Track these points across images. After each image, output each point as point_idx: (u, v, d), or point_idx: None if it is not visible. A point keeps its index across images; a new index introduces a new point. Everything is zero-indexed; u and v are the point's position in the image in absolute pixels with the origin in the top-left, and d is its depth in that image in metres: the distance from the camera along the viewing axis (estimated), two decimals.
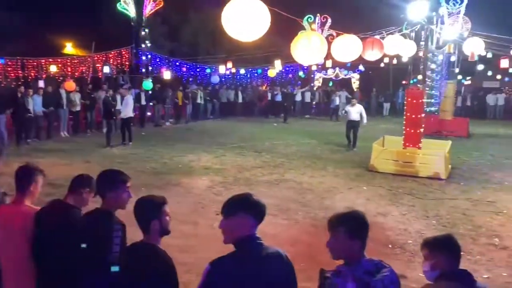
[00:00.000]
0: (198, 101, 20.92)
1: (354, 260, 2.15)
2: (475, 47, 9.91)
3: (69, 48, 26.68)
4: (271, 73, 22.96)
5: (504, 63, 10.93)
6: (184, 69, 24.03)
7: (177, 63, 23.71)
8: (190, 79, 24.65)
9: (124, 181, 2.77)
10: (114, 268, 2.29)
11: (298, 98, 24.30)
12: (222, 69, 22.56)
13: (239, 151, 12.75)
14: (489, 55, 17.39)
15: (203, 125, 19.30)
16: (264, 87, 25.90)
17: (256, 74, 26.90)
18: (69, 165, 10.08)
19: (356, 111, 13.12)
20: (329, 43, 8.27)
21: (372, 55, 8.96)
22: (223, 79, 25.10)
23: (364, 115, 13.28)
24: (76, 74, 19.97)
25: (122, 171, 2.88)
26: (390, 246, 5.88)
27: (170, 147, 13.14)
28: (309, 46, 5.55)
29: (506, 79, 25.09)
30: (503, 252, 5.76)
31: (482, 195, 8.52)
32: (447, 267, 2.22)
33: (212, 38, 25.26)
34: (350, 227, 2.20)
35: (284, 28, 9.97)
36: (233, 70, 24.29)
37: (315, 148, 13.69)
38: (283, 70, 24.96)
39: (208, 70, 24.48)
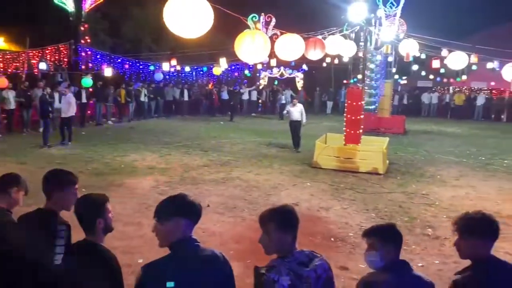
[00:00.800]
0: (142, 99, 20.41)
1: (287, 253, 2.19)
2: (410, 48, 10.49)
3: (1, 43, 25.04)
4: (216, 71, 22.90)
5: (435, 63, 11.69)
6: (127, 66, 23.32)
7: (119, 60, 22.97)
8: (133, 76, 23.99)
9: (72, 182, 2.73)
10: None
11: (245, 96, 24.44)
12: (166, 66, 22.15)
13: (185, 150, 12.63)
14: (423, 56, 18.47)
15: (147, 124, 18.88)
16: (210, 85, 25.75)
17: (201, 72, 26.71)
18: (1, 167, 9.48)
19: (297, 111, 12.85)
20: (274, 42, 8.43)
21: (314, 54, 9.22)
22: (167, 77, 24.68)
23: (304, 114, 12.96)
24: (9, 70, 18.75)
25: (71, 171, 2.82)
26: (332, 239, 6.10)
27: (112, 147, 12.74)
28: (253, 44, 5.63)
29: (438, 79, 26.74)
30: (435, 241, 6.18)
31: (416, 188, 9.05)
32: (394, 257, 2.33)
33: (156, 35, 24.73)
34: (280, 221, 2.22)
35: (229, 26, 10.00)
36: (178, 68, 23.95)
37: (261, 146, 13.85)
38: (229, 68, 24.98)
39: (151, 67, 23.96)
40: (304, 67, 25.08)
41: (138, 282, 2.09)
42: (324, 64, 22.58)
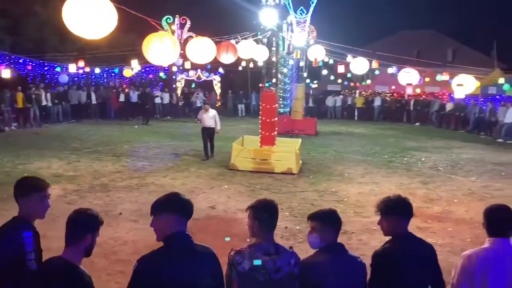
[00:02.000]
0: (44, 103, 18.99)
1: (257, 242, 2.53)
2: (318, 54, 11.05)
3: None
4: (127, 73, 22.03)
5: (340, 68, 12.48)
6: (30, 67, 21.54)
7: (21, 60, 21.14)
8: (37, 78, 22.21)
9: (36, 189, 2.60)
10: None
11: (159, 100, 23.86)
12: (72, 67, 20.79)
13: (96, 156, 12.01)
14: (331, 62, 19.54)
15: (54, 130, 17.64)
16: (124, 88, 24.75)
17: (113, 74, 25.58)
18: None
19: (210, 117, 11.96)
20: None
21: (227, 58, 9.33)
22: (75, 79, 23.25)
23: (218, 120, 12.13)
24: None
25: (39, 178, 2.71)
26: (248, 240, 6.19)
27: (13, 154, 11.70)
28: (161, 47, 5.53)
29: (346, 83, 28.51)
30: (343, 236, 6.54)
31: (327, 186, 9.54)
32: (332, 239, 2.66)
33: (61, 34, 23.17)
34: (255, 212, 2.61)
35: (142, 27, 9.71)
36: (87, 69, 22.65)
37: (177, 149, 13.63)
38: (143, 70, 24.25)
39: (58, 69, 22.39)
40: (221, 70, 25.20)
41: (133, 273, 2.24)
42: (240, 68, 22.89)
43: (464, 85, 9.14)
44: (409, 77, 9.42)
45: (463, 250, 2.85)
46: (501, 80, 16.58)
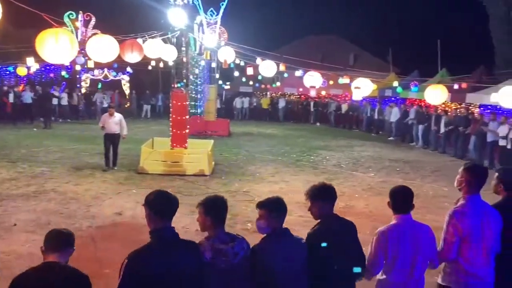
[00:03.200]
0: None
1: (212, 234, 2.77)
2: (228, 55, 11.13)
3: None
4: (21, 71, 20.03)
5: (249, 70, 12.72)
6: None
7: None
8: None
9: None
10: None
11: (63, 101, 22.22)
12: None
13: None
14: (242, 64, 19.81)
15: None
16: (20, 88, 22.60)
17: (7, 72, 23.30)
18: None
19: (115, 122, 10.66)
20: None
21: (132, 57, 8.99)
22: None
23: (125, 125, 10.96)
24: None
25: None
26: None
27: None
28: (56, 44, 5.16)
29: (257, 85, 29.14)
30: (254, 234, 6.62)
31: (239, 186, 9.66)
32: (278, 225, 2.91)
33: None
34: (206, 207, 2.82)
35: (40, 23, 9.00)
36: None
37: (81, 153, 12.83)
38: (43, 69, 22.41)
39: None
40: (129, 69, 24.25)
41: (124, 270, 2.41)
42: (150, 67, 22.23)
43: (361, 87, 9.85)
44: (313, 80, 9.90)
45: (364, 243, 3.20)
46: (395, 83, 18.15)
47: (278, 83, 27.94)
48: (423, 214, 7.32)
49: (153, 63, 20.11)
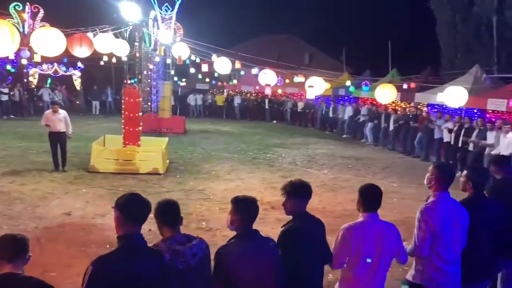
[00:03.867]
0: None
1: (168, 236, 2.73)
2: (182, 51, 10.96)
3: None
4: None
5: (204, 67, 12.58)
6: None
7: None
8: None
9: None
10: None
11: (3, 97, 20.97)
12: None
13: None
14: (198, 60, 19.61)
15: None
16: None
17: None
18: None
19: (60, 119, 9.97)
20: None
21: (81, 51, 8.65)
22: None
23: (69, 122, 10.26)
24: None
25: None
26: (108, 246, 5.85)
27: None
28: None
29: (214, 82, 28.89)
30: (208, 233, 6.64)
31: (194, 185, 9.56)
32: (247, 225, 2.84)
33: None
34: (159, 213, 2.81)
35: None
36: None
37: (27, 151, 12.23)
38: None
39: None
40: (80, 64, 23.37)
41: (89, 276, 2.29)
42: (102, 63, 21.51)
43: (315, 86, 10.02)
44: (267, 78, 9.96)
45: None
46: (348, 83, 18.61)
47: (235, 81, 27.91)
48: None
49: (105, 58, 19.48)
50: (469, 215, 3.37)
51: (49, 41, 6.60)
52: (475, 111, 14.61)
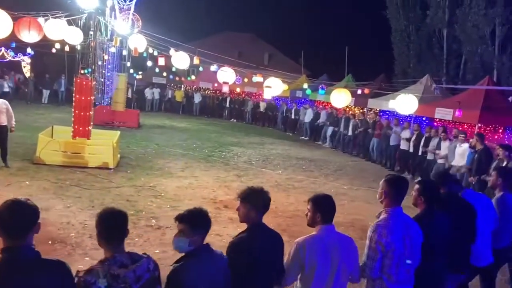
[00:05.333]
0: None
1: (108, 256, 2.32)
2: (138, 43, 10.65)
3: None
4: None
5: (161, 61, 12.29)
6: None
7: None
8: None
9: None
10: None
11: None
12: None
13: None
14: (156, 53, 19.16)
15: None
16: None
17: None
18: None
19: (1, 111, 8.81)
20: None
21: (29, 36, 8.17)
22: None
23: (12, 113, 9.12)
24: None
25: None
26: (50, 242, 5.59)
27: None
28: None
29: (171, 76, 28.38)
30: (158, 231, 6.48)
31: (145, 181, 9.31)
32: (200, 242, 2.60)
33: None
34: (100, 225, 2.43)
35: None
36: None
37: None
38: None
39: None
40: (29, 51, 22.20)
41: None
42: (54, 50, 20.52)
43: (272, 87, 10.05)
44: (226, 76, 9.88)
45: None
46: (305, 85, 18.86)
47: (193, 77, 27.56)
48: None
49: (58, 46, 18.59)
50: (422, 232, 3.23)
51: None
52: (424, 119, 15.23)
